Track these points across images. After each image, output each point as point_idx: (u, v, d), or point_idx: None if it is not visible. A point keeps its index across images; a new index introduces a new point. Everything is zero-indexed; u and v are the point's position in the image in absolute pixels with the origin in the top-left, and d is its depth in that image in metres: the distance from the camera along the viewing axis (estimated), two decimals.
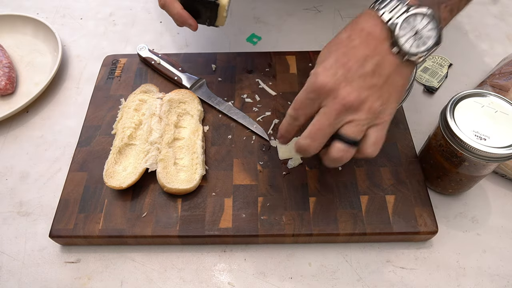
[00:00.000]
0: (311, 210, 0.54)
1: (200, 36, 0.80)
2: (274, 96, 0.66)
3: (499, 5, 0.85)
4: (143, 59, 0.70)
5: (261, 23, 0.82)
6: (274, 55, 0.72)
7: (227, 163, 0.59)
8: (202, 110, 0.63)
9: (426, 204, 0.54)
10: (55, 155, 0.63)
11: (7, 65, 0.70)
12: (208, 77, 0.69)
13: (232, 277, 0.52)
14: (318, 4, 0.85)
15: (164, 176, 0.55)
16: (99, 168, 0.58)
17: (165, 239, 0.53)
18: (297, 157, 0.58)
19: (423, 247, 0.54)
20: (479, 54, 0.76)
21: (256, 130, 0.62)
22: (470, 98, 0.50)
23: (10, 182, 0.61)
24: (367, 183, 0.56)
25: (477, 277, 0.52)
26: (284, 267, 0.53)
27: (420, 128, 0.65)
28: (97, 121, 0.63)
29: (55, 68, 0.70)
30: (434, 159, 0.54)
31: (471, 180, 0.53)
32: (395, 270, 0.52)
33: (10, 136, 0.66)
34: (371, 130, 0.43)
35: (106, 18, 0.84)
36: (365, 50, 0.41)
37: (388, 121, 0.44)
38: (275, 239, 0.53)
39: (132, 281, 0.52)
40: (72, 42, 0.79)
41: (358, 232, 0.52)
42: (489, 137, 0.47)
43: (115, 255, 0.54)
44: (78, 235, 0.52)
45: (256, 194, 0.55)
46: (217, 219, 0.53)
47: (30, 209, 0.58)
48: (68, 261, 0.53)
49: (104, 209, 0.54)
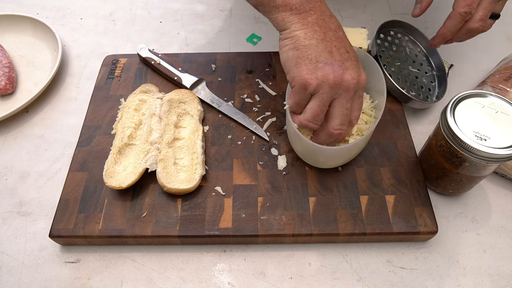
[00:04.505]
0: (311, 210, 0.54)
1: (200, 36, 0.80)
2: (274, 96, 0.66)
3: None
4: (143, 59, 0.70)
5: (261, 23, 0.82)
6: (274, 55, 0.72)
7: (227, 163, 0.59)
8: (202, 110, 0.63)
9: (426, 204, 0.54)
10: (55, 155, 0.63)
11: (7, 65, 0.70)
12: (208, 77, 0.69)
13: (232, 277, 0.52)
14: None
15: (164, 176, 0.55)
16: (99, 168, 0.58)
17: (165, 239, 0.53)
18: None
19: (423, 247, 0.54)
20: (479, 54, 0.76)
21: (256, 130, 0.62)
22: (471, 99, 0.50)
23: (10, 182, 0.61)
24: (367, 183, 0.56)
25: (477, 277, 0.52)
26: (284, 267, 0.53)
27: (420, 128, 0.65)
28: (97, 121, 0.63)
29: (55, 68, 0.70)
30: (434, 160, 0.54)
31: (471, 180, 0.53)
32: (395, 270, 0.52)
33: (10, 136, 0.66)
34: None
35: (106, 17, 0.84)
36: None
37: None
38: (275, 239, 0.53)
39: (132, 281, 0.52)
40: (72, 41, 0.79)
41: (358, 232, 0.52)
42: (490, 138, 0.47)
43: (115, 255, 0.54)
44: (78, 235, 0.52)
45: (256, 194, 0.55)
46: (217, 219, 0.53)
47: (30, 209, 0.58)
48: (68, 261, 0.53)
49: (104, 209, 0.54)
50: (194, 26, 0.82)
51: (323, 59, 0.46)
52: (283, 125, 0.63)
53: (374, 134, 0.60)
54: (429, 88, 0.67)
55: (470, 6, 0.54)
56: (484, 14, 0.55)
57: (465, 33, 0.57)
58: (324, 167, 0.57)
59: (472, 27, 0.56)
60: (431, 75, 0.69)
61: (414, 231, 0.52)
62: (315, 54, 0.46)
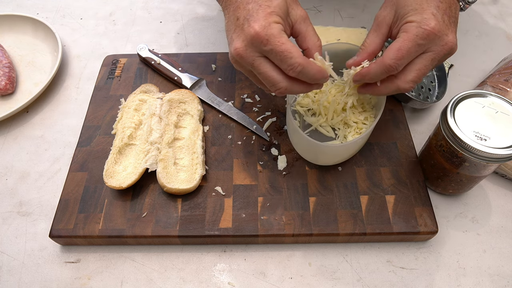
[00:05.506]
0: (311, 210, 0.54)
1: (200, 36, 0.80)
2: (274, 96, 0.66)
3: (499, 5, 0.85)
4: (143, 59, 0.70)
5: None
6: None
7: (227, 163, 0.59)
8: (202, 110, 0.63)
9: (426, 204, 0.54)
10: (55, 155, 0.63)
11: (7, 65, 0.70)
12: (208, 77, 0.69)
13: (232, 277, 0.52)
14: (318, 4, 0.85)
15: (164, 176, 0.55)
16: (99, 168, 0.58)
17: (165, 239, 0.53)
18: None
19: (423, 247, 0.54)
20: (479, 54, 0.76)
21: (256, 130, 0.62)
22: (471, 99, 0.50)
23: (10, 182, 0.61)
24: (367, 183, 0.56)
25: (477, 277, 0.52)
26: (284, 267, 0.53)
27: (420, 128, 0.65)
28: (97, 121, 0.63)
29: (55, 68, 0.70)
30: (434, 160, 0.54)
31: (471, 180, 0.53)
32: (395, 270, 0.52)
33: (10, 136, 0.66)
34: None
35: (106, 18, 0.84)
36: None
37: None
38: (275, 239, 0.53)
39: (132, 281, 0.52)
40: (72, 42, 0.79)
41: (358, 232, 0.52)
42: (490, 138, 0.47)
43: (115, 255, 0.54)
44: (78, 235, 0.52)
45: (256, 194, 0.55)
46: (217, 219, 0.53)
47: (30, 209, 0.58)
48: (68, 261, 0.53)
49: (104, 209, 0.54)
50: (194, 26, 0.82)
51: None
52: (283, 125, 0.63)
53: (374, 134, 0.60)
54: (429, 88, 0.67)
55: (399, 62, 0.45)
56: (417, 76, 0.47)
57: (393, 90, 0.49)
58: (323, 164, 0.57)
59: (402, 87, 0.48)
60: (431, 75, 0.69)
61: (414, 231, 0.52)
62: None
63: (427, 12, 0.45)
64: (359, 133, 0.56)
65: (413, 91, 0.64)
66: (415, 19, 0.45)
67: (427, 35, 0.44)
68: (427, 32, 0.44)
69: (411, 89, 0.48)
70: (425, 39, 0.44)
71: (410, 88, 0.48)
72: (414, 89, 0.65)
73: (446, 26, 0.45)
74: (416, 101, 0.62)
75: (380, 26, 0.50)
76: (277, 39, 0.43)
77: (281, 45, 0.43)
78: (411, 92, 0.63)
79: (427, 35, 0.44)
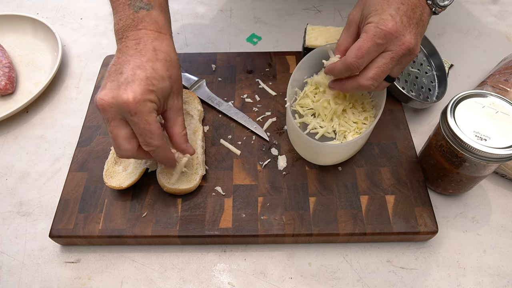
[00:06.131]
0: (311, 210, 0.54)
1: (200, 36, 0.80)
2: (274, 96, 0.66)
3: (499, 5, 0.85)
4: None
5: (261, 23, 0.82)
6: (274, 55, 0.72)
7: (227, 163, 0.59)
8: (202, 110, 0.63)
9: (426, 204, 0.54)
10: (55, 155, 0.63)
11: (7, 65, 0.70)
12: (208, 77, 0.69)
13: (232, 277, 0.52)
14: (318, 4, 0.85)
15: (164, 176, 0.55)
16: (99, 168, 0.58)
17: (165, 239, 0.53)
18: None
19: (423, 247, 0.54)
20: (479, 54, 0.76)
21: (256, 130, 0.62)
22: (471, 99, 0.50)
23: (10, 182, 0.61)
24: (367, 183, 0.56)
25: (477, 277, 0.52)
26: (284, 267, 0.52)
27: (420, 128, 0.65)
28: (97, 121, 0.63)
29: (55, 68, 0.70)
30: (434, 160, 0.54)
31: (471, 180, 0.53)
32: (395, 270, 0.52)
33: (10, 136, 0.66)
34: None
35: (106, 17, 0.84)
36: (414, 0, 0.48)
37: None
38: (275, 239, 0.53)
39: (132, 281, 0.52)
40: (72, 42, 0.79)
41: (358, 232, 0.52)
42: (490, 138, 0.47)
43: (115, 255, 0.54)
44: (78, 235, 0.52)
45: (256, 194, 0.55)
46: (217, 219, 0.53)
47: (30, 209, 0.58)
48: (68, 261, 0.53)
49: (104, 209, 0.54)
50: (194, 26, 0.82)
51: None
52: (283, 125, 0.63)
53: (374, 134, 0.60)
54: (429, 88, 0.67)
55: (359, 60, 0.47)
56: (377, 74, 0.48)
57: (356, 87, 0.51)
58: (323, 164, 0.57)
59: (362, 84, 0.49)
60: (431, 75, 0.69)
61: (414, 231, 0.52)
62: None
63: (386, 13, 0.46)
64: (359, 133, 0.56)
65: (413, 91, 0.64)
66: (374, 20, 0.47)
67: (384, 35, 0.46)
68: (384, 32, 0.46)
69: (372, 86, 0.49)
70: (383, 39, 0.46)
71: (370, 85, 0.49)
72: (414, 89, 0.65)
73: (404, 27, 0.46)
74: (416, 101, 0.62)
75: (350, 25, 0.52)
76: (145, 117, 0.45)
77: (146, 124, 0.45)
78: (411, 92, 0.63)
79: (384, 35, 0.46)
